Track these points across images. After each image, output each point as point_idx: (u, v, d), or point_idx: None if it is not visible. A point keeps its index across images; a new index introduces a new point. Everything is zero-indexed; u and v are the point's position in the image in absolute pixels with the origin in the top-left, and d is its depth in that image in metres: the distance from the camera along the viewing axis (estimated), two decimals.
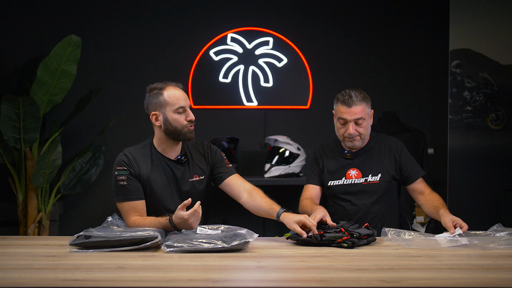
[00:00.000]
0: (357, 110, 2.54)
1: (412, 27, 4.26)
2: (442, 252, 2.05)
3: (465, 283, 1.59)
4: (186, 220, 2.17)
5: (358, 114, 2.55)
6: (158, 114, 2.40)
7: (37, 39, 4.08)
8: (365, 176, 2.63)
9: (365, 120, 2.58)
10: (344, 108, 2.56)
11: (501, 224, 2.33)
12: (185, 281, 1.61)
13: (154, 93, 2.41)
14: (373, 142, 2.69)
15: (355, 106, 2.54)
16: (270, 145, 3.84)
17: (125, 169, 2.37)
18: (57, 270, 1.75)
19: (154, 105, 2.41)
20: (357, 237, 2.14)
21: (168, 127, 2.40)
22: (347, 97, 2.56)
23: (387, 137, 2.75)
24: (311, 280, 1.65)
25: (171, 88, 2.42)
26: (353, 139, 2.59)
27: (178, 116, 2.40)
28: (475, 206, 3.93)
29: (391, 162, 2.64)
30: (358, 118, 2.55)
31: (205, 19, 4.18)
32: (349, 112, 2.55)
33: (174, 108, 2.39)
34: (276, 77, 4.17)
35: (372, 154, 2.66)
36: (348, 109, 2.55)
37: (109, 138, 4.05)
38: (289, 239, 2.27)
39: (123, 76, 4.14)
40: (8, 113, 3.39)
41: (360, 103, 2.56)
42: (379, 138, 2.72)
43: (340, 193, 2.65)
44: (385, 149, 2.67)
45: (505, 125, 3.97)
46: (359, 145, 2.63)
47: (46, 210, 3.69)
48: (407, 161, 2.65)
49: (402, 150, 2.67)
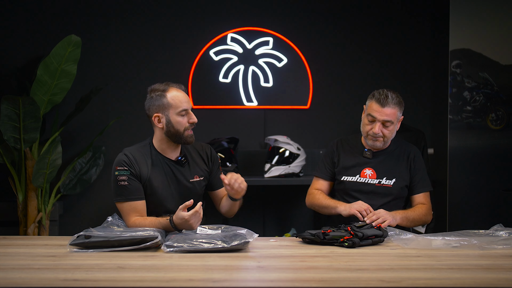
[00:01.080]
0: (388, 111, 2.54)
1: (412, 27, 4.26)
2: (442, 252, 2.05)
3: (465, 283, 1.59)
4: (187, 221, 2.17)
5: (388, 116, 2.54)
6: (161, 116, 2.40)
7: (37, 39, 4.08)
8: (379, 178, 2.62)
9: (393, 124, 2.57)
10: (377, 106, 2.55)
11: (502, 225, 2.33)
12: (185, 281, 1.61)
13: (157, 94, 2.40)
14: (394, 147, 2.69)
15: (388, 108, 2.54)
16: (270, 145, 3.84)
17: (126, 169, 2.37)
18: (57, 270, 1.75)
19: (156, 107, 2.40)
20: (360, 237, 2.14)
21: (170, 129, 2.39)
22: (383, 97, 2.55)
23: (408, 144, 2.75)
24: (311, 280, 1.65)
25: (174, 90, 2.41)
26: (376, 139, 2.59)
27: (180, 118, 2.39)
28: (475, 206, 3.93)
29: (406, 169, 2.65)
30: (387, 120, 2.55)
31: (205, 19, 4.18)
32: (381, 112, 2.54)
33: (177, 110, 2.38)
34: (276, 77, 4.17)
35: (390, 158, 2.65)
36: (381, 109, 2.54)
37: (109, 138, 4.05)
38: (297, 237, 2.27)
39: (123, 76, 4.14)
40: (8, 113, 3.39)
41: (394, 106, 2.55)
42: (401, 143, 2.72)
43: (352, 190, 2.65)
44: (404, 156, 2.67)
45: (505, 125, 3.97)
46: (380, 147, 2.63)
47: (46, 210, 3.69)
48: (418, 172, 2.65)
49: (417, 158, 2.67)
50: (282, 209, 4.18)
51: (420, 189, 2.63)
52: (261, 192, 4.13)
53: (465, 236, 2.19)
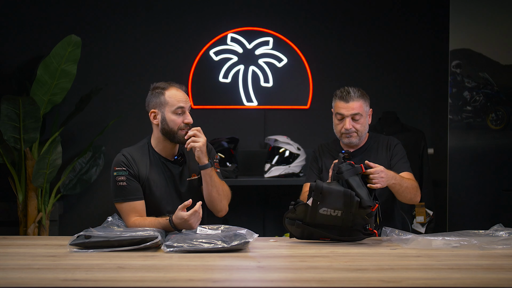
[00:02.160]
0: (354, 105, 2.58)
1: (412, 27, 4.26)
2: (442, 252, 2.05)
3: (465, 283, 1.59)
4: (186, 221, 2.17)
5: (355, 109, 2.58)
6: (157, 112, 2.42)
7: (37, 39, 4.07)
8: None
9: (362, 116, 2.60)
10: (341, 103, 2.61)
11: (501, 224, 2.33)
12: (185, 281, 1.61)
13: (157, 91, 2.43)
14: (372, 142, 2.71)
15: (352, 102, 2.58)
16: (270, 145, 3.84)
17: (124, 169, 2.38)
18: (57, 270, 1.75)
19: (154, 103, 2.43)
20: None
21: (165, 127, 2.41)
22: (345, 93, 2.61)
23: (385, 136, 2.77)
24: (311, 280, 1.65)
25: (174, 89, 2.44)
26: (350, 135, 2.61)
27: (175, 117, 2.40)
28: (475, 206, 3.93)
29: (387, 158, 2.66)
30: (355, 114, 2.58)
31: (205, 19, 4.18)
32: (346, 108, 2.59)
33: (173, 108, 2.40)
34: (276, 77, 4.17)
35: (369, 153, 2.67)
36: (346, 104, 2.59)
37: (109, 138, 4.05)
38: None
39: (123, 76, 4.14)
40: (8, 113, 3.39)
41: (358, 99, 2.60)
42: (378, 138, 2.74)
43: None
44: (383, 148, 2.69)
45: (505, 125, 3.97)
46: (356, 142, 2.64)
47: (46, 210, 3.69)
48: (396, 155, 2.66)
49: (396, 145, 2.68)
50: (282, 209, 4.16)
51: (402, 168, 2.61)
52: (261, 192, 4.13)
53: (465, 236, 2.19)
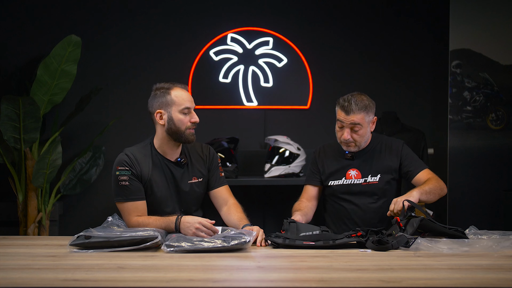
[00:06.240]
0: (354, 118, 2.54)
1: (412, 28, 4.26)
2: (442, 252, 2.05)
3: (465, 283, 1.59)
4: (195, 223, 2.17)
5: (355, 121, 2.55)
6: (163, 112, 2.41)
7: (37, 39, 4.07)
8: (364, 177, 2.65)
9: (362, 127, 2.57)
10: (342, 114, 2.57)
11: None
12: (185, 281, 1.61)
13: (161, 92, 2.43)
14: (374, 143, 2.70)
15: (352, 115, 2.54)
16: (270, 145, 3.84)
17: (127, 169, 2.37)
18: (57, 270, 1.75)
19: (160, 103, 2.41)
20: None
21: (172, 127, 2.40)
22: (347, 104, 2.55)
23: (388, 138, 2.76)
24: (311, 280, 1.65)
25: (179, 89, 2.44)
26: (348, 145, 2.61)
27: (182, 116, 2.40)
28: (475, 206, 3.93)
29: (392, 161, 2.65)
30: (355, 124, 2.55)
31: (205, 19, 4.17)
32: (347, 118, 2.56)
33: (180, 108, 2.40)
34: (276, 77, 4.17)
35: (372, 155, 2.67)
36: (346, 116, 2.55)
37: (109, 138, 4.05)
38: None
39: (123, 76, 4.14)
40: (8, 113, 3.39)
41: (358, 112, 2.54)
42: (381, 139, 2.73)
43: (340, 193, 2.67)
44: (386, 150, 2.68)
45: (505, 125, 3.97)
46: (354, 151, 2.64)
47: (46, 210, 3.69)
48: (407, 157, 2.66)
49: (403, 147, 2.68)
50: (282, 209, 4.17)
51: (418, 168, 2.62)
52: (261, 192, 4.13)
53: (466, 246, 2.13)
